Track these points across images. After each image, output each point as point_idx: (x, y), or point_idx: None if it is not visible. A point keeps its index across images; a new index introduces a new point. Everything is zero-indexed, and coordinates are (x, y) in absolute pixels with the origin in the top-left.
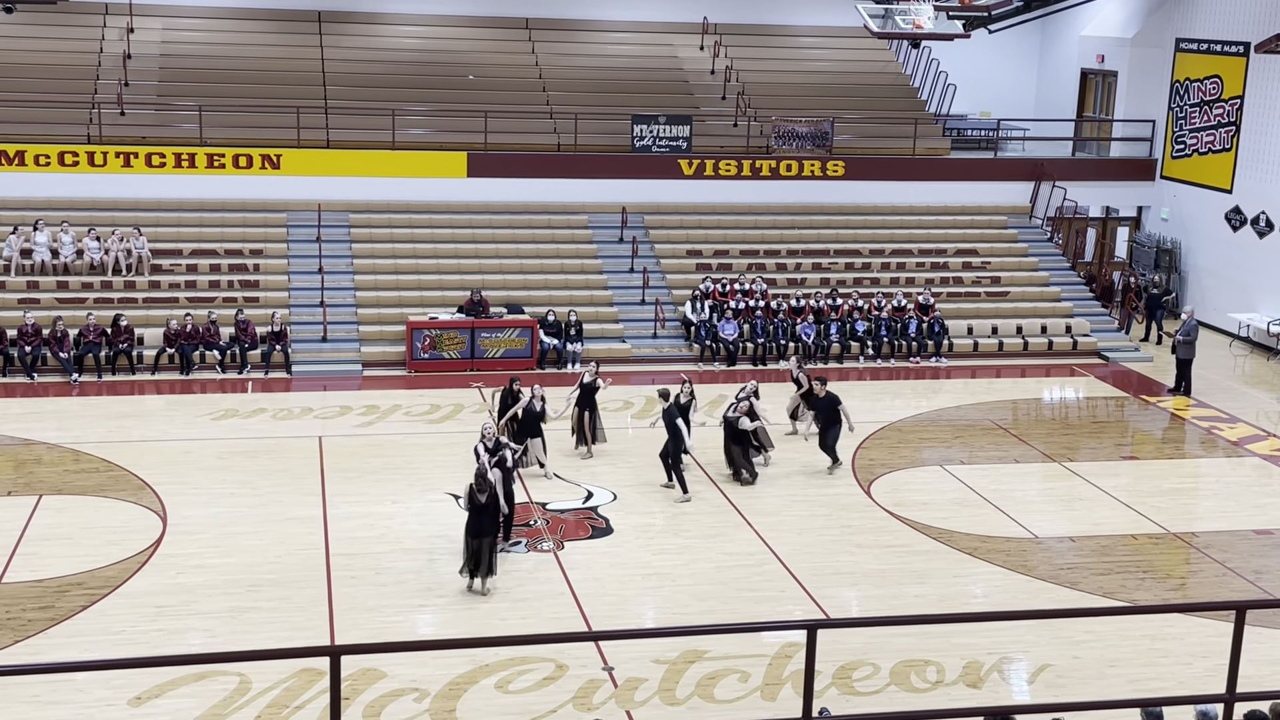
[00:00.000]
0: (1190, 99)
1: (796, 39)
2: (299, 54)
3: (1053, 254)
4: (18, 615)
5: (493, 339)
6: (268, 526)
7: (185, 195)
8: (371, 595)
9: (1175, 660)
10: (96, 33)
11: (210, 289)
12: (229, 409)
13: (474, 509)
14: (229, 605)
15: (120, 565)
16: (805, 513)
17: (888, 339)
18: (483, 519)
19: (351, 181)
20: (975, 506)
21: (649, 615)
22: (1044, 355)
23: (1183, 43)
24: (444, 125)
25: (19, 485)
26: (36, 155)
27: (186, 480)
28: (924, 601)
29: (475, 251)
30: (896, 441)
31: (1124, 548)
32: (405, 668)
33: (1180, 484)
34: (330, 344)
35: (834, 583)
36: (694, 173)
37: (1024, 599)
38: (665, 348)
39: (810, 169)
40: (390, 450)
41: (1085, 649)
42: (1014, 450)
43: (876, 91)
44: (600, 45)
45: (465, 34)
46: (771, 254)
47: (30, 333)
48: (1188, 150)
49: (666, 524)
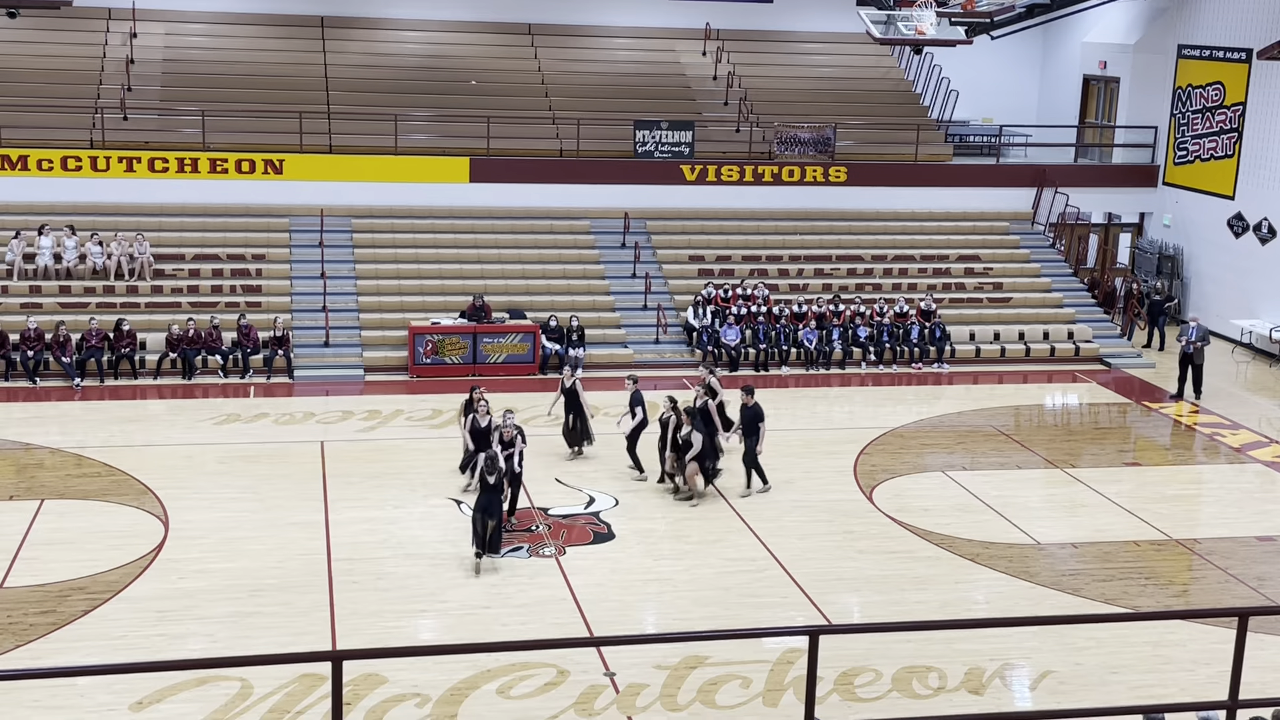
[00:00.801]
0: (1193, 105)
1: (799, 45)
2: (302, 59)
3: (1055, 260)
4: (19, 620)
5: (495, 344)
6: (270, 531)
7: (188, 200)
8: (373, 600)
9: (1178, 667)
10: (100, 37)
11: (213, 294)
12: (231, 414)
13: (483, 488)
14: (231, 610)
15: (122, 570)
16: (807, 518)
17: (890, 345)
18: (492, 499)
19: (354, 186)
20: (977, 512)
21: (650, 621)
22: (1046, 361)
23: (1185, 49)
24: (446, 130)
25: (21, 490)
26: (39, 160)
27: (188, 485)
28: (926, 607)
29: (477, 256)
30: (898, 447)
31: (1126, 554)
32: (407, 673)
33: (1183, 490)
34: (332, 349)
35: (836, 588)
36: (696, 178)
37: (1026, 605)
38: (667, 353)
39: (813, 175)
40: (392, 455)
41: (1087, 655)
42: (1016, 456)
43: (879, 97)
44: (603, 51)
45: (468, 39)
46: (774, 259)
47: (33, 337)
48: (1190, 157)
49: (668, 529)
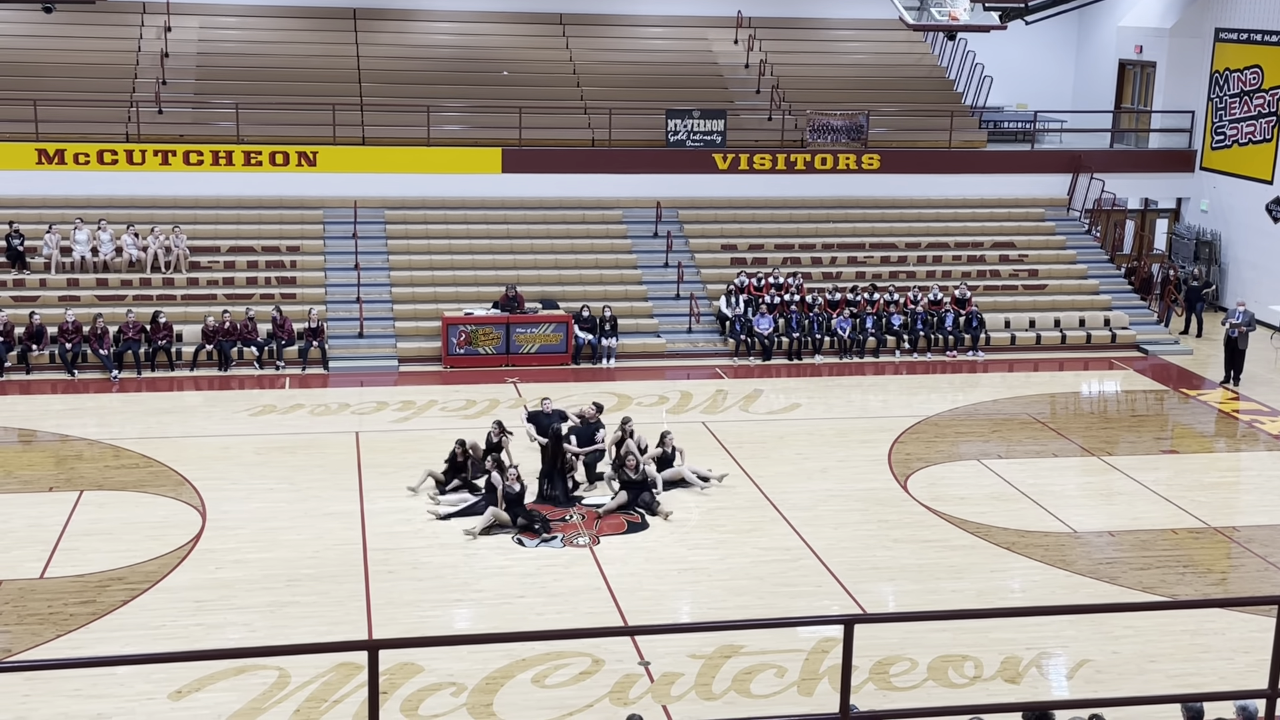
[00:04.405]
0: (1230, 89)
1: (831, 32)
2: (335, 51)
3: (1091, 246)
4: (60, 610)
5: (528, 334)
6: (306, 522)
7: (223, 193)
8: (409, 590)
9: (1216, 655)
10: (134, 32)
11: (248, 285)
12: (267, 405)
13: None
14: (268, 600)
15: (160, 560)
16: (841, 507)
17: (924, 333)
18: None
19: (387, 178)
20: (1013, 501)
21: (685, 610)
22: (1082, 348)
23: (1222, 33)
24: (479, 121)
25: (60, 481)
26: (76, 154)
27: (225, 476)
28: (961, 596)
29: (510, 247)
30: (933, 436)
31: (1164, 542)
32: (442, 662)
33: (1221, 478)
34: (366, 340)
35: (870, 578)
36: (728, 167)
37: (1063, 594)
38: (700, 343)
39: (845, 162)
40: (427, 445)
41: (1125, 644)
42: (1052, 444)
43: (912, 84)
44: (634, 40)
45: (499, 30)
46: (807, 248)
47: (71, 330)
48: (1227, 141)
49: (702, 519)
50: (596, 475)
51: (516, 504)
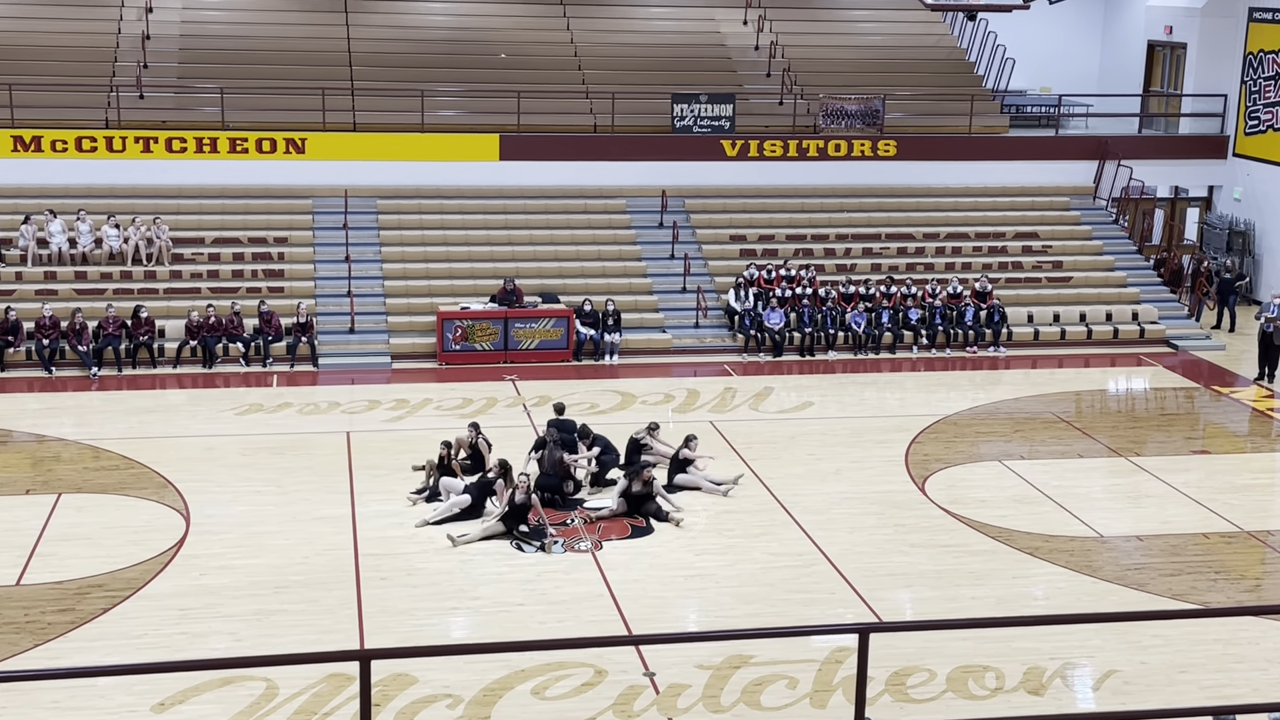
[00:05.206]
0: (1264, 72)
1: (845, 12)
2: (324, 33)
3: (1118, 237)
4: (37, 618)
5: (527, 330)
6: (294, 526)
7: (207, 181)
8: (402, 597)
9: (1250, 666)
10: (114, 13)
11: (233, 279)
12: (253, 403)
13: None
14: (255, 608)
15: (142, 566)
16: (856, 510)
17: (943, 328)
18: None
19: (379, 166)
20: (1036, 504)
21: (691, 618)
22: (1109, 344)
23: (1256, 12)
24: (475, 106)
25: (37, 484)
26: (53, 141)
27: (210, 478)
28: (982, 604)
29: (508, 238)
30: (953, 436)
31: (1195, 547)
32: (438, 673)
33: (1254, 479)
34: (358, 335)
35: (887, 584)
36: (737, 154)
37: (1088, 601)
38: (708, 338)
39: (860, 149)
40: (421, 446)
41: (1154, 654)
42: (1077, 444)
43: (930, 67)
44: (638, 21)
45: (497, 10)
46: (819, 239)
47: (48, 325)
48: (1262, 126)
49: (709, 523)
50: (607, 481)
51: (520, 516)
